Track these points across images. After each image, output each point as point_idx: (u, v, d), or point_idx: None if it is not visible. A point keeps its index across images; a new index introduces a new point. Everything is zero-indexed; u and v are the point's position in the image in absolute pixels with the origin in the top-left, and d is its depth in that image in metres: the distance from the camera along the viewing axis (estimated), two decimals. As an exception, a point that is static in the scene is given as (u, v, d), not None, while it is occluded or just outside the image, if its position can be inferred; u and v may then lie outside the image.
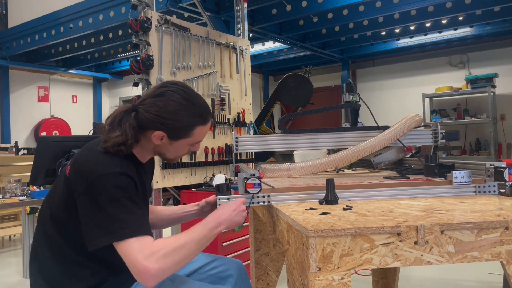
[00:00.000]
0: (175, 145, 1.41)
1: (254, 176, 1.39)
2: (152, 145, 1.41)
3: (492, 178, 1.46)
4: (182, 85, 1.41)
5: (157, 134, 1.36)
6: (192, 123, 1.38)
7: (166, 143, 1.39)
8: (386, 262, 1.02)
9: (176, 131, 1.37)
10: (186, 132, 1.38)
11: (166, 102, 1.35)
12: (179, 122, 1.36)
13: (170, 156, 1.46)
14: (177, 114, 1.35)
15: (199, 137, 1.43)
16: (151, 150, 1.44)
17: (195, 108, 1.38)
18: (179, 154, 1.47)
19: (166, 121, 1.34)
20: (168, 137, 1.37)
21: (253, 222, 2.24)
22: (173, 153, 1.45)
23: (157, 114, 1.34)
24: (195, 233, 1.29)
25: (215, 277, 1.60)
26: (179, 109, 1.35)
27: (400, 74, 8.18)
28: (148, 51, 3.07)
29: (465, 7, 5.35)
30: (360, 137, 1.89)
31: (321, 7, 5.23)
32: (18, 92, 7.79)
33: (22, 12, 7.43)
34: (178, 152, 1.45)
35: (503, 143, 7.11)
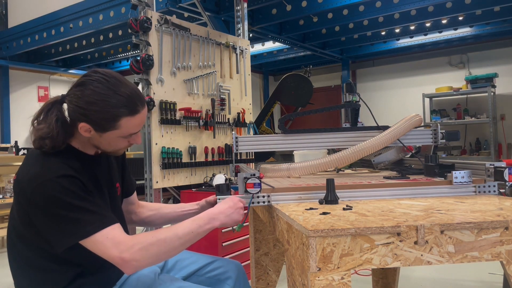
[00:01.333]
0: (106, 138, 1.31)
1: (254, 176, 1.39)
2: (86, 138, 1.32)
3: (492, 178, 1.46)
4: (104, 73, 1.30)
5: (82, 126, 1.27)
6: (115, 114, 1.26)
7: (95, 135, 1.30)
8: (386, 262, 1.02)
9: (100, 123, 1.27)
10: (110, 124, 1.27)
11: (86, 91, 1.25)
12: (101, 113, 1.25)
13: (107, 149, 1.37)
14: (96, 105, 1.24)
15: (129, 129, 1.31)
16: (89, 143, 1.35)
17: (118, 97, 1.26)
18: (115, 148, 1.38)
19: (86, 112, 1.25)
20: (94, 129, 1.28)
21: (253, 222, 2.24)
22: (107, 146, 1.35)
23: (77, 105, 1.26)
24: (180, 228, 1.25)
25: (214, 280, 1.59)
26: (100, 99, 1.24)
27: (400, 74, 8.18)
28: (148, 51, 3.07)
29: (465, 7, 5.35)
30: (360, 137, 1.89)
31: (321, 7, 5.23)
32: (18, 92, 7.79)
33: (22, 12, 7.42)
34: (112, 146, 1.36)
35: (503, 143, 7.11)
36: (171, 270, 1.60)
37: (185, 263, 1.62)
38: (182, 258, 1.64)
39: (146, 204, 1.70)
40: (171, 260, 1.63)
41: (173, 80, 3.30)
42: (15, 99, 7.70)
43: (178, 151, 3.27)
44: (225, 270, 1.60)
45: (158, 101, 3.13)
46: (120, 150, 1.41)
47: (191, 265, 1.62)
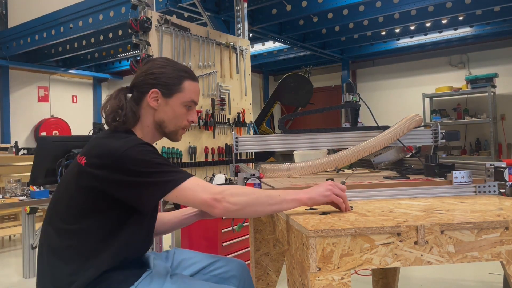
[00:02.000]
0: (171, 105, 1.44)
1: (254, 176, 1.39)
2: (151, 117, 1.44)
3: (492, 178, 1.46)
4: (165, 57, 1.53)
5: (152, 94, 1.42)
6: (180, 75, 1.45)
7: (162, 104, 1.43)
8: (386, 262, 1.02)
9: (167, 85, 1.43)
10: (176, 85, 1.44)
11: (154, 64, 1.47)
12: (168, 74, 1.44)
13: (171, 125, 1.47)
14: (164, 68, 1.44)
15: (191, 94, 1.47)
16: (153, 127, 1.46)
17: (180, 66, 1.50)
18: (178, 122, 1.48)
19: (156, 76, 1.43)
20: (161, 93, 1.42)
21: (253, 222, 2.24)
22: (172, 119, 1.46)
23: (146, 73, 1.44)
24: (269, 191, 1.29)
25: (218, 278, 1.59)
26: (165, 65, 1.46)
27: (400, 74, 8.18)
28: (148, 51, 3.07)
29: (465, 7, 5.36)
30: (360, 137, 1.89)
31: (321, 7, 5.23)
32: (18, 92, 7.79)
33: (22, 12, 7.43)
34: (176, 117, 1.46)
35: (503, 143, 7.11)
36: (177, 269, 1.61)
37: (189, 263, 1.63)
38: (186, 258, 1.65)
39: None
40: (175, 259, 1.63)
41: (173, 80, 3.30)
42: (15, 99, 7.70)
43: (178, 151, 3.27)
44: (229, 269, 1.61)
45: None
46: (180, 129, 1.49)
47: (195, 265, 1.62)
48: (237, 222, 1.51)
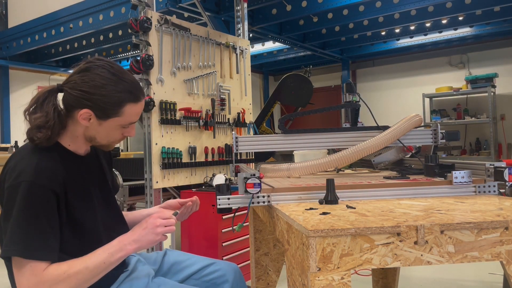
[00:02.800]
0: (105, 126, 1.30)
1: (254, 176, 1.39)
2: (81, 130, 1.31)
3: (492, 178, 1.46)
4: (108, 60, 1.32)
5: (83, 113, 1.26)
6: (121, 99, 1.27)
7: (95, 124, 1.29)
8: (386, 262, 1.02)
9: (104, 108, 1.26)
10: (115, 110, 1.27)
11: (92, 76, 1.25)
12: (107, 98, 1.25)
13: (103, 141, 1.35)
14: (103, 89, 1.25)
15: (130, 117, 1.32)
16: (82, 137, 1.33)
17: (124, 83, 1.28)
18: (111, 139, 1.36)
19: (92, 97, 1.24)
20: (96, 116, 1.27)
21: (253, 222, 2.24)
22: (104, 137, 1.34)
23: (82, 90, 1.24)
24: (92, 259, 1.23)
25: (210, 283, 1.57)
26: (106, 84, 1.25)
27: (400, 74, 8.18)
28: (148, 51, 3.07)
29: (465, 7, 5.36)
30: (360, 137, 1.89)
31: (321, 7, 5.23)
32: (18, 92, 7.78)
33: (22, 12, 7.43)
34: (110, 136, 1.34)
35: (503, 143, 7.11)
36: (167, 273, 1.59)
37: (181, 266, 1.61)
38: (178, 261, 1.62)
39: None
40: (167, 263, 1.61)
41: (173, 80, 3.30)
42: (15, 99, 7.69)
43: (178, 151, 3.27)
44: (222, 274, 1.58)
45: (158, 101, 3.13)
46: (114, 142, 1.39)
47: (187, 268, 1.60)
48: (237, 222, 1.51)
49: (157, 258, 1.62)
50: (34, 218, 1.17)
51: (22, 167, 1.21)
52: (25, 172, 1.20)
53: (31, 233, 1.17)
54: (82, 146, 1.37)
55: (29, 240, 1.16)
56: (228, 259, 3.12)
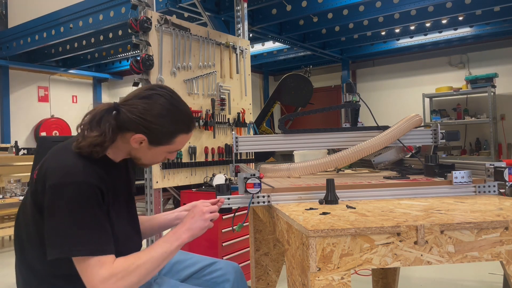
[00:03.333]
0: (154, 151, 1.35)
1: (254, 176, 1.39)
2: (128, 148, 1.34)
3: (492, 178, 1.46)
4: (170, 90, 1.36)
5: (137, 138, 1.29)
6: (176, 130, 1.33)
7: (145, 147, 1.32)
8: (386, 262, 1.02)
9: (158, 137, 1.31)
10: (168, 139, 1.33)
11: (152, 105, 1.28)
12: (163, 128, 1.30)
13: (145, 162, 1.40)
14: (162, 119, 1.29)
15: (180, 145, 1.38)
16: (126, 152, 1.37)
17: (181, 115, 1.34)
18: (154, 161, 1.42)
19: (149, 125, 1.28)
20: (148, 141, 1.31)
21: (253, 222, 2.24)
22: (149, 159, 1.39)
23: (141, 117, 1.27)
24: (155, 249, 1.27)
25: (211, 282, 1.58)
26: (165, 114, 1.29)
27: (400, 74, 8.18)
28: (148, 51, 3.07)
29: (465, 7, 5.35)
30: (360, 137, 1.89)
31: (321, 7, 5.23)
32: (18, 92, 7.79)
33: (22, 12, 7.43)
34: (154, 159, 1.40)
35: (503, 143, 7.11)
36: (169, 273, 1.59)
37: (183, 265, 1.61)
38: (180, 260, 1.63)
39: None
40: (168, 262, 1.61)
41: (173, 80, 3.30)
42: (15, 99, 7.70)
43: (178, 151, 3.27)
44: (223, 273, 1.59)
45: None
46: (154, 163, 1.46)
47: (189, 268, 1.61)
48: (237, 222, 1.51)
49: None
50: (91, 216, 1.19)
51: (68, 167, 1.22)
52: (73, 172, 1.20)
53: (92, 230, 1.18)
54: (121, 157, 1.39)
55: (93, 237, 1.18)
56: (228, 259, 3.12)
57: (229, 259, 3.12)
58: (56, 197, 1.18)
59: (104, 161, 1.32)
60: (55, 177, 1.20)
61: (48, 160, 1.27)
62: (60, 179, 1.19)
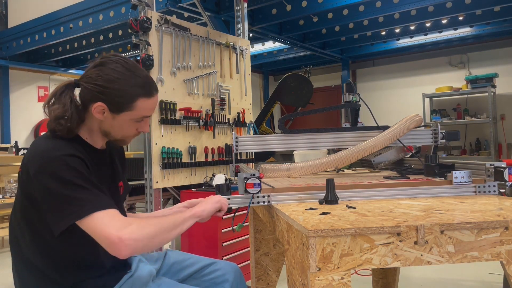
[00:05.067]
0: (119, 120, 1.33)
1: (254, 176, 1.39)
2: (97, 124, 1.34)
3: (492, 178, 1.46)
4: (123, 56, 1.36)
5: (97, 106, 1.29)
6: (133, 94, 1.30)
7: (109, 117, 1.32)
8: (386, 262, 1.02)
9: (117, 102, 1.29)
10: (127, 104, 1.30)
11: (106, 70, 1.29)
12: (119, 92, 1.29)
13: (117, 136, 1.38)
14: (117, 83, 1.28)
15: (143, 111, 1.34)
16: (98, 131, 1.37)
17: (137, 78, 1.32)
18: (125, 133, 1.38)
19: (105, 90, 1.28)
20: (109, 109, 1.30)
21: (253, 222, 2.24)
22: (118, 131, 1.36)
23: (95, 83, 1.28)
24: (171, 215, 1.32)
25: (210, 283, 1.57)
26: (120, 78, 1.29)
27: (400, 74, 8.18)
28: (148, 51, 3.07)
29: (465, 7, 5.35)
30: (360, 137, 1.89)
31: (321, 7, 5.23)
32: (18, 92, 7.78)
33: (22, 12, 7.42)
34: (124, 130, 1.37)
35: (503, 143, 7.11)
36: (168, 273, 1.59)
37: (181, 266, 1.61)
38: (178, 260, 1.62)
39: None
40: (167, 262, 1.61)
41: (173, 80, 3.30)
42: (15, 99, 7.69)
43: (178, 151, 3.27)
44: (222, 273, 1.58)
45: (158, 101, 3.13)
46: (128, 137, 1.42)
47: (187, 268, 1.60)
48: (237, 222, 1.51)
49: (159, 257, 1.62)
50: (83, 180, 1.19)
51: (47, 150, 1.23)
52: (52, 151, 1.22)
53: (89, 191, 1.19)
54: (99, 141, 1.40)
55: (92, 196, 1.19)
56: (228, 259, 3.12)
57: (229, 259, 3.12)
58: (44, 177, 1.18)
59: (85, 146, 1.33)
60: (37, 160, 1.21)
61: (28, 151, 1.30)
62: (42, 160, 1.20)
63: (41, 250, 1.27)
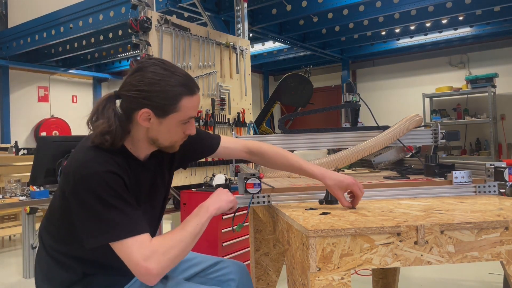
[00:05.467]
0: (166, 125, 1.30)
1: (254, 176, 1.39)
2: (143, 133, 1.32)
3: (492, 178, 1.46)
4: (159, 58, 1.34)
5: (142, 113, 1.26)
6: (176, 93, 1.27)
7: (155, 123, 1.29)
8: (386, 262, 1.02)
9: (162, 105, 1.26)
10: (172, 105, 1.27)
11: (146, 74, 1.26)
12: (162, 93, 1.26)
13: (165, 142, 1.34)
14: (158, 85, 1.25)
15: (189, 112, 1.31)
16: (145, 141, 1.34)
17: (176, 77, 1.28)
18: (174, 138, 1.35)
19: (148, 95, 1.25)
20: (155, 114, 1.27)
21: (253, 222, 2.24)
22: (166, 137, 1.33)
23: (138, 89, 1.25)
24: (187, 225, 1.30)
25: (216, 281, 1.57)
26: (160, 79, 1.26)
27: (400, 74, 8.18)
28: (148, 51, 3.07)
29: (465, 7, 5.35)
30: (360, 137, 1.89)
31: (321, 7, 5.23)
32: (18, 92, 7.78)
33: (22, 12, 7.43)
34: (171, 135, 1.33)
35: (503, 143, 7.11)
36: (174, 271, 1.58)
37: (187, 265, 1.61)
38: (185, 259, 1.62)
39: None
40: None
41: (173, 80, 3.29)
42: (15, 99, 7.69)
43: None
44: (228, 272, 1.59)
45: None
46: (177, 142, 1.38)
47: (193, 267, 1.60)
48: (237, 222, 1.51)
49: None
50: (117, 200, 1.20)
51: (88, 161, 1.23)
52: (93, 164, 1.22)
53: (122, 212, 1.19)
54: (144, 152, 1.38)
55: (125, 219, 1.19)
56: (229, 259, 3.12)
57: (229, 259, 3.12)
58: (82, 191, 1.19)
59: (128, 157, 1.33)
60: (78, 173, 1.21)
61: (69, 160, 1.29)
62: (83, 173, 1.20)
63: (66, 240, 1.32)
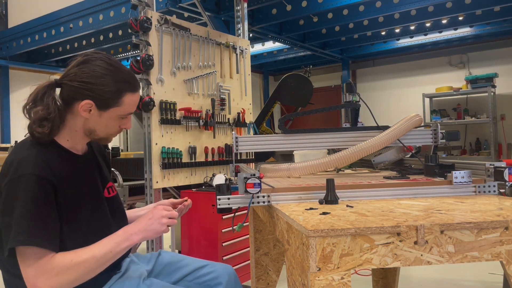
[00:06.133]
0: (105, 117, 1.32)
1: (254, 176, 1.39)
2: (80, 123, 1.33)
3: (492, 178, 1.46)
4: (104, 53, 1.36)
5: (84, 104, 1.28)
6: (120, 89, 1.31)
7: (95, 115, 1.31)
8: (386, 262, 1.02)
9: (104, 98, 1.29)
10: (115, 100, 1.31)
11: (91, 67, 1.28)
12: (107, 87, 1.28)
13: (101, 134, 1.37)
14: (103, 79, 1.28)
15: (129, 107, 1.35)
16: (81, 131, 1.35)
17: (121, 73, 1.33)
18: (110, 131, 1.38)
19: (92, 87, 1.27)
20: (96, 106, 1.29)
21: (253, 222, 2.24)
22: (103, 129, 1.36)
23: (83, 81, 1.27)
24: (98, 248, 1.24)
25: (203, 285, 1.56)
26: (106, 74, 1.29)
27: (400, 74, 8.18)
28: (148, 51, 3.07)
29: (465, 7, 5.36)
30: (360, 137, 1.89)
31: (321, 7, 5.23)
32: (18, 92, 7.78)
33: (22, 12, 7.43)
34: (108, 128, 1.36)
35: (503, 143, 7.11)
36: (160, 274, 1.57)
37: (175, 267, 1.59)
38: (172, 262, 1.61)
39: None
40: (160, 263, 1.59)
41: (173, 80, 3.30)
42: (15, 99, 7.69)
43: (178, 151, 3.27)
44: (216, 276, 1.56)
45: (158, 101, 3.13)
46: (112, 135, 1.41)
47: (181, 269, 1.58)
48: (237, 222, 1.51)
49: (151, 258, 1.60)
50: (36, 209, 1.17)
51: (20, 161, 1.22)
52: (24, 165, 1.21)
53: (34, 222, 1.16)
54: (80, 142, 1.39)
55: (32, 229, 1.16)
56: (228, 259, 3.12)
57: (229, 259, 3.12)
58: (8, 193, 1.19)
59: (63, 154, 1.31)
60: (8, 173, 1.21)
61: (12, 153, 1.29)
62: (12, 175, 1.20)
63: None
